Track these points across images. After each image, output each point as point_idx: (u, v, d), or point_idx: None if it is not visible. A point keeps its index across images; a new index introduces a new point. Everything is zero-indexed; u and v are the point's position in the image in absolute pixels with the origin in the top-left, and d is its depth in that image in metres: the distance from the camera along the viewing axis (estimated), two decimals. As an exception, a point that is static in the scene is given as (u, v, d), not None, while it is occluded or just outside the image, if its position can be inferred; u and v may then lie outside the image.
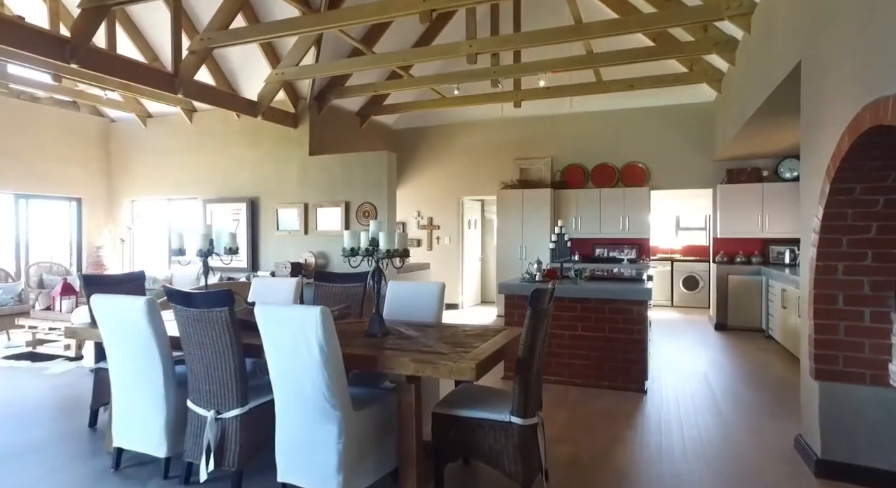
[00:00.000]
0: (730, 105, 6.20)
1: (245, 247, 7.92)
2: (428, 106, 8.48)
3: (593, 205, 8.30)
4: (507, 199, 8.53)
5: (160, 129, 8.62)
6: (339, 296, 4.07)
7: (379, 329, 3.00)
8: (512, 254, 8.43)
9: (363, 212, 7.36)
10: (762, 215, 7.25)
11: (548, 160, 8.84)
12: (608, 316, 4.53)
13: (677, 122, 8.10)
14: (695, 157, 7.99)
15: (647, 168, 8.28)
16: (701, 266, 9.45)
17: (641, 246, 8.34)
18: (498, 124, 9.22)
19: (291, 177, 7.78)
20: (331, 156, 7.59)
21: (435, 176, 9.69)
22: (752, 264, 7.28)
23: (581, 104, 8.60)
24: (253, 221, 7.98)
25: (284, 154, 7.81)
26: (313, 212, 7.64)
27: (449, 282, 9.44)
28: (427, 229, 9.72)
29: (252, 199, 7.99)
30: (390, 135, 9.95)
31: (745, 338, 6.68)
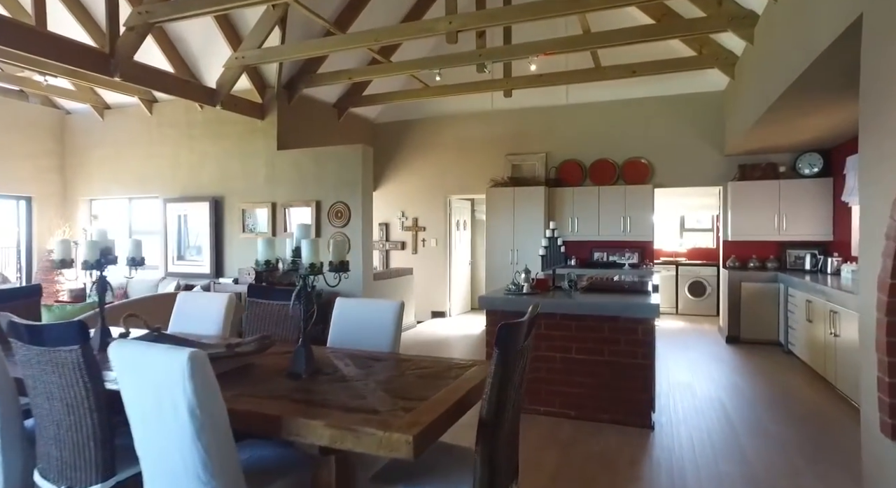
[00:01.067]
0: (746, 90, 5.48)
1: (208, 251, 7.20)
2: (410, 96, 7.76)
3: (591, 204, 7.58)
4: (496, 199, 7.80)
5: (119, 122, 7.90)
6: (276, 317, 3.33)
7: (305, 367, 2.27)
8: (502, 259, 7.71)
9: (335, 213, 6.64)
10: (779, 215, 6.52)
11: (542, 156, 8.12)
12: (608, 336, 3.81)
13: (684, 114, 7.38)
14: (703, 152, 7.27)
15: (650, 164, 7.56)
16: (708, 270, 8.73)
17: (644, 249, 7.61)
18: (488, 117, 8.49)
19: (258, 174, 7.06)
20: (300, 151, 6.86)
21: (420, 173, 8.96)
22: (767, 270, 6.56)
23: (578, 94, 7.88)
24: (217, 222, 7.25)
25: (251, 148, 7.09)
26: (282, 213, 6.91)
27: (436, 287, 8.72)
28: (412, 230, 9.00)
29: (216, 198, 7.26)
30: (372, 130, 9.22)
31: (762, 354, 5.96)
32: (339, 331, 3.01)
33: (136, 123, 7.74)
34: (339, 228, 6.61)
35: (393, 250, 9.14)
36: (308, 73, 6.96)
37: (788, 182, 6.53)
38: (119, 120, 7.88)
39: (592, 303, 3.85)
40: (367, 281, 6.58)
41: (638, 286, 4.61)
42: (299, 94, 7.12)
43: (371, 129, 9.20)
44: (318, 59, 6.96)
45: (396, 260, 9.10)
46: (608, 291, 4.38)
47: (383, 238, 9.18)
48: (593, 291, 4.37)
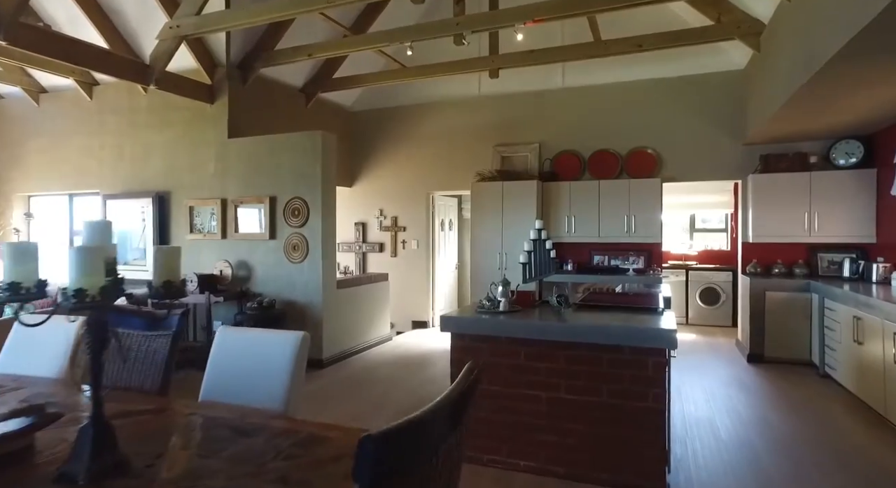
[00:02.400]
0: (777, 62, 4.55)
1: (151, 254, 6.27)
2: (385, 78, 6.85)
3: (591, 201, 6.64)
4: (483, 195, 6.88)
5: (56, 108, 7.01)
6: (139, 353, 2.40)
7: (89, 465, 1.34)
8: (488, 264, 6.78)
9: (292, 211, 5.72)
10: (809, 213, 5.58)
11: (534, 146, 7.19)
12: (608, 371, 2.88)
13: (697, 97, 6.44)
14: (719, 141, 6.33)
15: (657, 155, 6.62)
16: (722, 276, 7.79)
17: (651, 252, 6.68)
18: (474, 104, 7.57)
19: (207, 167, 6.15)
20: (253, 140, 5.95)
21: (400, 167, 8.04)
22: (794, 276, 5.62)
23: (575, 76, 6.95)
24: (162, 221, 6.34)
25: (200, 137, 6.18)
26: (233, 211, 6.00)
27: (417, 294, 7.80)
28: (391, 231, 8.08)
29: (161, 194, 6.35)
30: (347, 119, 8.31)
31: (792, 377, 5.02)
32: (216, 375, 2.10)
33: (74, 110, 6.84)
34: (296, 229, 5.69)
35: (370, 252, 8.22)
36: (264, 49, 6.05)
37: (821, 174, 5.58)
38: (56, 106, 6.99)
39: (588, 326, 2.92)
40: (328, 290, 5.67)
41: (647, 301, 3.68)
42: (256, 74, 6.20)
43: (346, 118, 8.28)
44: (275, 34, 6.06)
45: (374, 263, 8.18)
46: (609, 308, 3.45)
47: (359, 239, 8.26)
48: (590, 308, 3.44)
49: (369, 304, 6.56)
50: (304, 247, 5.63)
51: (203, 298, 5.44)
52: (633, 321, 2.97)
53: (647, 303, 3.55)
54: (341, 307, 5.94)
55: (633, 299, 4.06)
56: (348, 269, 8.37)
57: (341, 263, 8.39)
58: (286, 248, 5.73)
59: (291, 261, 5.70)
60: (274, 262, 5.80)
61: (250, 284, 5.91)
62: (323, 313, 5.60)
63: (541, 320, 3.08)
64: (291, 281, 5.71)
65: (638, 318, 3.05)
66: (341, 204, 8.39)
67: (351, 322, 6.15)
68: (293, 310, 5.69)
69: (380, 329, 6.82)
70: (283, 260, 5.75)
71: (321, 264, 5.58)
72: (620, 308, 3.46)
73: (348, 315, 6.09)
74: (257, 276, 5.89)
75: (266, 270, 5.84)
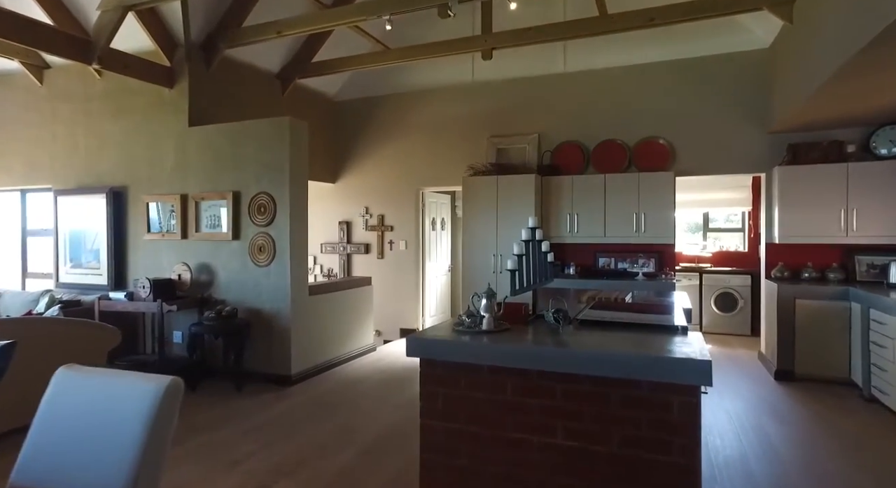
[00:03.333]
0: (817, 34, 3.86)
1: (105, 256, 5.64)
2: (368, 62, 6.18)
3: (595, 197, 5.96)
4: (476, 190, 6.21)
5: (3, 94, 6.36)
6: None
7: None
8: (481, 266, 6.11)
9: (258, 208, 5.06)
10: (846, 210, 4.89)
11: (533, 138, 6.51)
12: (619, 412, 2.21)
13: (715, 80, 5.75)
14: (740, 130, 5.64)
15: (670, 146, 5.93)
16: (739, 279, 7.10)
17: (662, 254, 5.99)
18: (468, 91, 6.90)
19: (166, 158, 5.50)
20: (215, 128, 5.30)
21: (388, 161, 7.38)
22: (829, 282, 4.93)
23: (578, 59, 6.27)
24: (117, 220, 5.69)
25: (158, 126, 5.54)
26: (194, 208, 5.35)
27: (406, 299, 7.15)
28: (377, 231, 7.42)
29: (116, 190, 5.71)
30: (330, 109, 7.65)
31: (831, 400, 4.32)
32: (42, 443, 1.42)
33: (23, 96, 6.21)
34: (262, 228, 5.04)
35: (356, 254, 7.56)
36: (229, 27, 5.40)
37: (860, 165, 4.89)
38: (3, 92, 6.35)
39: (592, 353, 2.24)
40: (297, 297, 5.01)
41: (662, 311, 3.01)
42: (221, 55, 5.55)
43: (329, 108, 7.63)
44: (242, 10, 5.41)
45: (359, 265, 7.52)
46: (619, 325, 2.76)
47: (344, 239, 7.61)
48: (595, 326, 2.76)
49: (349, 312, 5.90)
50: (271, 248, 4.98)
51: (156, 306, 4.79)
52: (650, 345, 2.29)
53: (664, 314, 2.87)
54: (314, 316, 5.28)
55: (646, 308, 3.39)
56: (332, 271, 7.73)
57: (325, 265, 7.75)
58: (251, 250, 5.07)
59: (257, 264, 5.05)
60: (238, 266, 5.15)
61: (213, 290, 5.26)
62: (291, 323, 4.94)
63: (533, 344, 2.40)
64: (257, 286, 5.06)
65: (657, 341, 2.36)
66: (325, 201, 7.76)
67: (326, 332, 5.48)
68: (258, 319, 5.03)
69: (361, 339, 6.15)
70: (249, 263, 5.09)
71: (289, 268, 4.92)
72: (633, 325, 2.78)
73: (323, 324, 5.43)
74: (220, 281, 5.23)
75: (230, 275, 5.19)
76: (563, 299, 2.74)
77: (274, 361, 4.98)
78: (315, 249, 7.82)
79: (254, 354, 5.04)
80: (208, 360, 5.16)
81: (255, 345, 5.04)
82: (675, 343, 2.31)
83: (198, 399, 4.51)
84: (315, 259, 7.85)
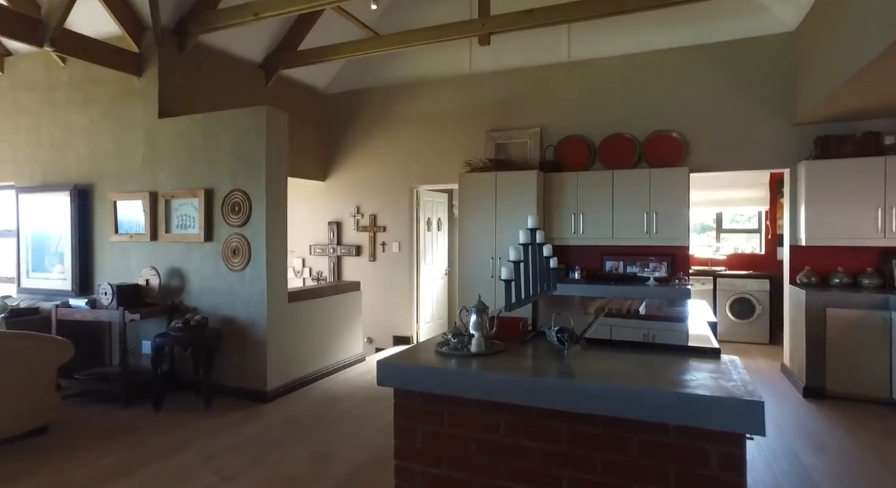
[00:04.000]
0: (856, 11, 3.39)
1: (69, 259, 5.20)
2: (357, 50, 5.72)
3: (602, 195, 5.49)
4: (473, 188, 5.74)
5: (-34, 86, 5.93)
6: None
7: None
8: (478, 271, 5.65)
9: (232, 206, 4.61)
10: (884, 209, 4.41)
11: (535, 132, 6.05)
12: (640, 462, 1.74)
13: (733, 68, 5.27)
14: (761, 122, 5.16)
15: (683, 140, 5.46)
16: (756, 284, 6.61)
17: (675, 257, 5.52)
18: (465, 83, 6.44)
19: (135, 153, 5.06)
20: (184, 119, 4.85)
21: (380, 158, 6.93)
22: (864, 289, 4.46)
23: (583, 46, 5.80)
24: (82, 219, 5.25)
25: (127, 117, 5.10)
26: (164, 206, 4.90)
27: (399, 305, 6.70)
28: (368, 232, 6.96)
29: (82, 187, 5.27)
30: (320, 103, 7.20)
31: (875, 423, 3.84)
32: None
33: (-14, 87, 5.78)
34: (237, 228, 4.59)
35: (346, 256, 7.11)
36: (203, 9, 4.95)
37: (898, 159, 4.41)
38: (-33, 83, 5.91)
39: (606, 388, 1.76)
40: (275, 304, 4.55)
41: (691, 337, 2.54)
42: (195, 41, 5.11)
43: (318, 102, 7.18)
44: (215, -9, 4.96)
45: (350, 268, 7.07)
46: (635, 345, 2.29)
47: (333, 241, 7.15)
48: (606, 346, 2.29)
49: (334, 320, 5.44)
50: (246, 251, 4.52)
51: (118, 315, 4.33)
52: (678, 376, 1.82)
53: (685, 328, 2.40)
54: (294, 325, 4.82)
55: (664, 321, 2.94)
56: (322, 275, 7.28)
57: (314, 268, 7.30)
58: (225, 253, 4.62)
59: (231, 268, 4.60)
60: (211, 270, 4.70)
61: (184, 297, 4.81)
62: (268, 333, 4.48)
63: (532, 373, 1.93)
64: (231, 293, 4.61)
65: (686, 370, 1.89)
66: (314, 200, 7.31)
67: (308, 343, 5.03)
68: (232, 329, 4.58)
69: (348, 349, 5.69)
70: (222, 267, 4.64)
71: (265, 272, 4.46)
72: (653, 346, 2.31)
73: (304, 334, 4.97)
74: (192, 287, 4.78)
75: (202, 280, 4.74)
76: (567, 316, 2.27)
77: (248, 375, 4.53)
78: (304, 251, 7.37)
79: (227, 368, 4.59)
80: (180, 373, 4.71)
81: (228, 358, 4.59)
82: (709, 373, 1.83)
83: (161, 418, 4.06)
84: (304, 261, 7.41)
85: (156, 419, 4.04)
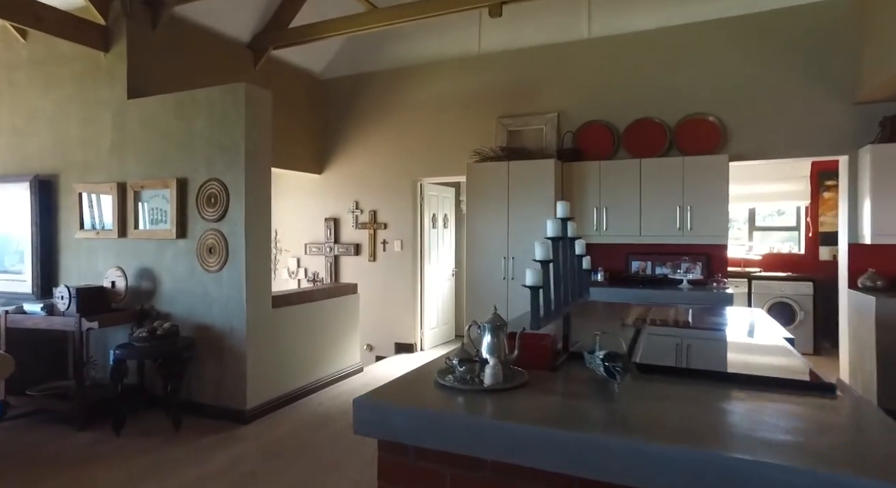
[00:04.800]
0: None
1: (30, 259, 4.64)
2: (354, 25, 5.13)
3: (628, 187, 4.87)
4: (483, 180, 5.14)
5: (-75, 68, 5.39)
6: None
7: None
8: (489, 273, 5.04)
9: (207, 198, 4.02)
10: (967, 200, 3.75)
11: (551, 117, 5.43)
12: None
13: (781, 41, 4.63)
14: (815, 101, 4.52)
15: (721, 124, 4.82)
16: (797, 287, 5.96)
17: (711, 257, 4.89)
18: (474, 65, 5.83)
19: (102, 139, 4.50)
20: (156, 100, 4.28)
21: (382, 149, 6.34)
22: (941, 295, 3.80)
23: (606, 20, 5.18)
24: (44, 213, 4.69)
25: (93, 98, 4.54)
26: (132, 199, 4.33)
27: (401, 309, 6.11)
28: (368, 229, 6.37)
29: (44, 178, 4.71)
30: (316, 89, 6.62)
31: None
32: None
33: (-55, 68, 5.23)
34: (213, 223, 4.00)
35: (344, 255, 6.52)
36: (177, -23, 4.38)
37: (984, 141, 3.75)
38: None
39: (697, 457, 1.15)
40: (257, 311, 3.96)
41: (788, 366, 1.93)
42: (170, 13, 4.54)
43: (314, 88, 6.59)
44: (192, -46, 4.38)
45: (348, 268, 6.48)
46: (709, 377, 1.67)
47: (330, 239, 6.57)
48: (668, 374, 1.68)
49: (327, 327, 4.84)
50: (222, 249, 3.94)
51: (73, 322, 3.76)
52: (789, 429, 1.20)
53: (752, 341, 1.79)
54: (280, 333, 4.23)
55: (718, 331, 2.33)
56: (318, 276, 6.70)
57: (309, 269, 6.73)
58: (200, 251, 4.04)
59: (206, 268, 4.01)
60: (185, 271, 4.12)
61: (155, 301, 4.23)
62: (248, 343, 3.89)
63: (572, 426, 1.31)
64: (207, 297, 4.02)
65: (800, 418, 1.27)
66: (309, 195, 6.74)
67: (296, 353, 4.43)
68: (207, 338, 3.99)
69: (344, 358, 5.10)
70: (197, 267, 4.06)
71: (244, 273, 3.87)
72: (734, 378, 1.69)
73: (291, 344, 4.38)
74: (164, 290, 4.20)
75: (175, 282, 4.16)
76: (617, 336, 1.66)
77: (225, 392, 3.94)
78: (299, 250, 6.80)
79: (201, 383, 4.01)
80: (151, 387, 4.14)
81: (202, 372, 4.01)
82: (844, 428, 1.21)
83: (120, 444, 3.48)
84: (299, 261, 6.83)
85: (114, 445, 3.47)
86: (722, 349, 2.26)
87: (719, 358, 2.08)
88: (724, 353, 2.19)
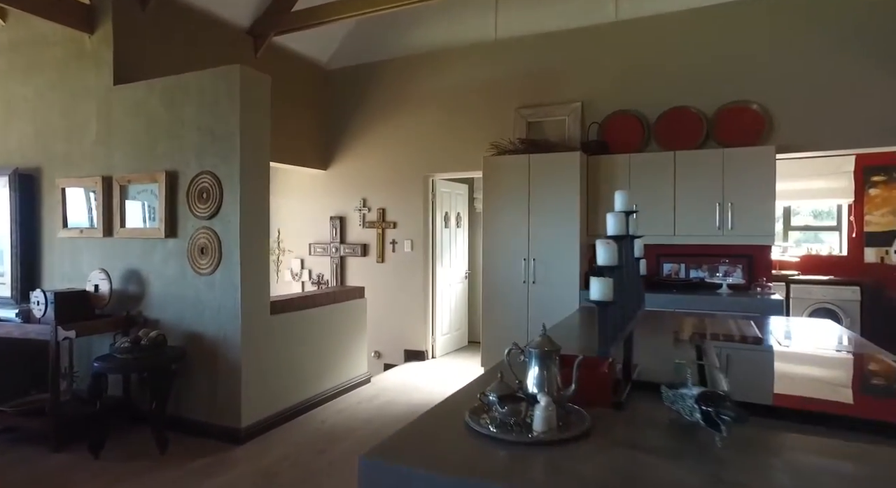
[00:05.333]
0: None
1: (9, 259, 4.27)
2: (360, 8, 4.74)
3: (661, 182, 4.44)
4: (500, 174, 4.72)
5: None
6: None
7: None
8: (507, 276, 4.62)
9: (199, 193, 3.63)
10: None
11: (575, 107, 5.01)
12: None
13: (834, 18, 4.18)
14: (876, 84, 4.06)
15: (766, 112, 4.38)
16: (840, 291, 5.49)
17: (754, 259, 4.45)
18: (490, 52, 5.41)
19: (87, 129, 4.12)
20: (144, 85, 3.89)
21: (391, 143, 5.94)
22: None
23: (634, 2, 4.76)
24: (24, 210, 4.33)
25: (77, 84, 4.17)
26: (118, 194, 3.95)
27: (411, 314, 5.70)
28: (376, 228, 5.97)
29: (25, 172, 4.35)
30: (322, 80, 6.23)
31: None
32: None
33: (-76, 55, 4.89)
34: (205, 220, 3.61)
35: (351, 256, 6.12)
36: (168, -49, 4.00)
37: None
38: None
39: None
40: (253, 317, 3.56)
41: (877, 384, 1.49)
42: (161, -8, 4.16)
43: (320, 79, 6.21)
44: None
45: (355, 270, 6.09)
46: (831, 422, 1.25)
47: (336, 239, 6.17)
48: (771, 416, 1.25)
49: (332, 335, 4.44)
50: (215, 249, 3.54)
51: (48, 331, 3.38)
52: None
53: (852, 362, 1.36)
54: (279, 342, 3.83)
55: (803, 349, 1.91)
56: (323, 278, 6.31)
57: (314, 270, 6.35)
58: (191, 252, 3.65)
59: (198, 271, 3.62)
60: (175, 273, 3.73)
61: (143, 307, 3.85)
62: (243, 353, 3.49)
63: None
64: (198, 302, 3.63)
65: None
66: (314, 192, 6.35)
67: (297, 364, 4.03)
68: (199, 349, 3.60)
69: (350, 369, 4.70)
70: (188, 269, 3.67)
71: (239, 276, 3.48)
72: (860, 423, 1.26)
73: (292, 353, 3.98)
74: (153, 295, 3.82)
75: (165, 286, 3.77)
76: (717, 374, 1.25)
77: (218, 408, 3.55)
78: (303, 251, 6.41)
79: (192, 398, 3.62)
80: (138, 402, 3.75)
81: (193, 385, 3.62)
82: None
83: (98, 469, 3.09)
84: (303, 262, 6.45)
85: (91, 470, 3.08)
86: (841, 378, 1.82)
87: (841, 393, 1.65)
88: (845, 384, 1.75)
